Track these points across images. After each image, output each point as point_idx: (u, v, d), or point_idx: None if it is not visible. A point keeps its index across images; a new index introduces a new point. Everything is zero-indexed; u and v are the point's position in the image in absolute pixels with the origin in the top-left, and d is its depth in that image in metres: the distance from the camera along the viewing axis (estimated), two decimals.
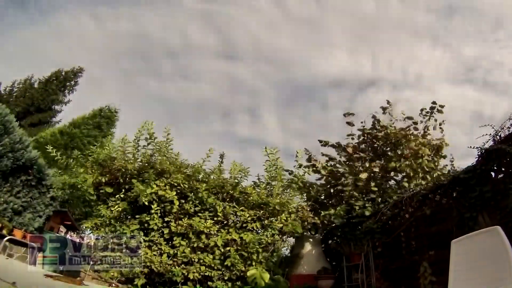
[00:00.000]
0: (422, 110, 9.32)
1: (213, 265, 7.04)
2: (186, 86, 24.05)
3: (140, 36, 21.22)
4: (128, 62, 23.90)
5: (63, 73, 19.25)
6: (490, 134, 5.38)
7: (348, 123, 9.87)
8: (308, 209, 8.39)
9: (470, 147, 5.65)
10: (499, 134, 5.27)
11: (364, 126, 9.76)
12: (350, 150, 9.48)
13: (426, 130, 9.28)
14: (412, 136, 9.09)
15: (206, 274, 6.95)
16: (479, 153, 5.45)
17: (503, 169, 5.21)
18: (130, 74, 24.07)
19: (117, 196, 7.66)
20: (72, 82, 19.58)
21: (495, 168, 5.30)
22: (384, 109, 9.75)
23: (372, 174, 8.60)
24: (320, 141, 9.94)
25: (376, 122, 9.61)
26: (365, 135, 9.68)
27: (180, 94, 24.87)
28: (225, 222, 7.66)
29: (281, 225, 7.76)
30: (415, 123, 9.33)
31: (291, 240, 9.01)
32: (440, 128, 9.17)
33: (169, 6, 20.65)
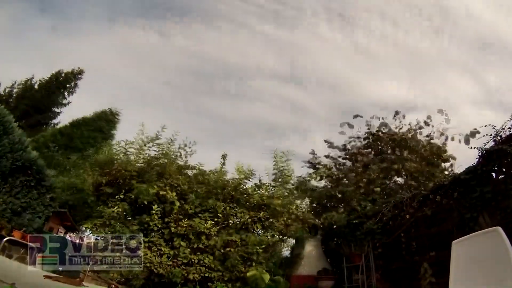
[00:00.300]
0: (428, 117, 9.50)
1: (213, 266, 7.01)
2: (241, 104, 24.63)
3: (203, 54, 22.17)
4: (186, 78, 24.73)
5: (63, 75, 19.25)
6: (491, 135, 5.37)
7: (349, 125, 9.98)
8: (309, 211, 8.38)
9: (471, 148, 5.64)
10: (500, 134, 5.26)
11: (369, 129, 9.91)
12: (354, 151, 9.58)
13: (430, 135, 9.40)
14: (414, 140, 9.18)
15: (206, 275, 6.92)
16: (480, 154, 5.44)
17: (503, 169, 5.20)
18: (186, 90, 24.79)
19: (117, 197, 7.63)
20: (72, 84, 19.58)
21: (495, 168, 5.28)
22: (396, 114, 9.93)
23: (374, 176, 8.61)
24: (326, 141, 10.07)
25: (383, 125, 9.77)
26: (370, 136, 9.81)
27: (234, 112, 25.40)
28: (225, 223, 7.64)
29: (282, 226, 7.74)
30: (421, 127, 9.46)
31: (292, 241, 9.01)
32: (442, 134, 9.24)
33: (237, 29, 22.08)
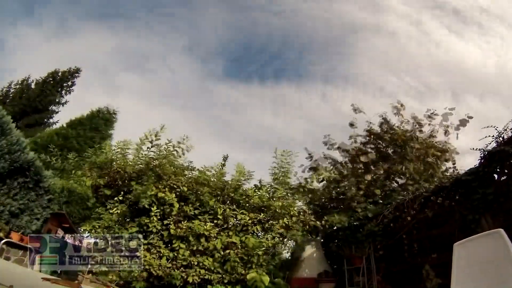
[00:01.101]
0: (428, 111, 9.32)
1: (212, 268, 6.96)
2: None
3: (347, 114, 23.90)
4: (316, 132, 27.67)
5: (59, 74, 19.28)
6: (493, 136, 5.31)
7: (351, 125, 9.83)
8: (310, 212, 8.32)
9: (473, 149, 5.59)
10: (502, 135, 5.21)
11: (370, 127, 9.70)
12: (353, 152, 9.45)
13: (432, 133, 9.26)
14: (417, 139, 9.04)
15: (206, 277, 6.86)
16: (482, 155, 5.39)
17: (506, 171, 5.15)
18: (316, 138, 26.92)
19: (116, 198, 7.59)
20: (69, 83, 19.64)
21: (498, 170, 5.24)
22: (397, 109, 9.69)
23: (375, 177, 8.54)
24: (325, 136, 9.96)
25: (384, 123, 9.54)
26: (371, 135, 9.62)
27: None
28: (225, 225, 7.59)
29: (282, 229, 7.69)
30: (420, 125, 9.30)
31: (292, 243, 8.94)
32: (446, 131, 9.12)
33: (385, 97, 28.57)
